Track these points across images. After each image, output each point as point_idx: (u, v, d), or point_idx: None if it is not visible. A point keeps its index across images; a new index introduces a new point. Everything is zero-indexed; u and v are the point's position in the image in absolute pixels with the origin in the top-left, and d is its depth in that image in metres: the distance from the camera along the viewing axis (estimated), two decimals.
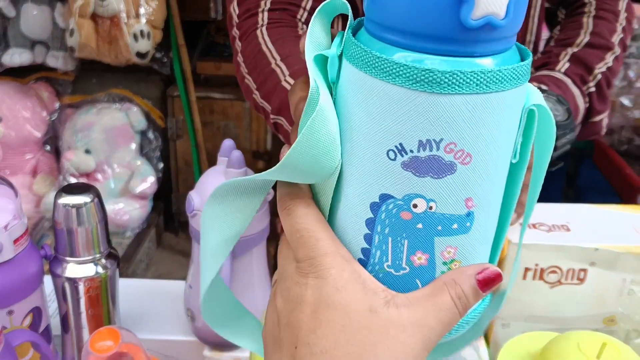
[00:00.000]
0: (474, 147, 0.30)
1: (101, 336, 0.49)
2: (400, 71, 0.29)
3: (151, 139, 1.97)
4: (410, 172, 0.31)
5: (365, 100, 0.31)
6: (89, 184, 0.56)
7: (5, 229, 0.52)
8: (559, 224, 0.64)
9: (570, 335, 0.57)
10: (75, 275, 0.55)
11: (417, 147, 0.30)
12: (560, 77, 0.71)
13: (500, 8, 0.29)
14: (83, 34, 1.78)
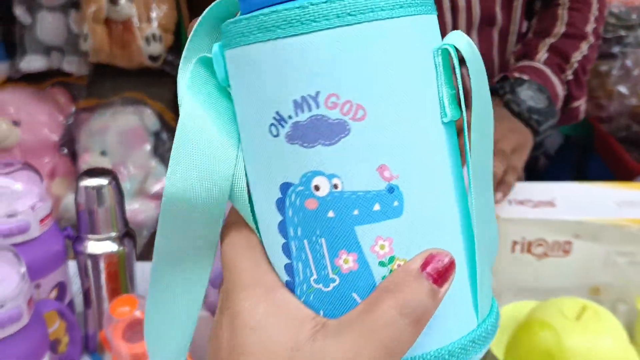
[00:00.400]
0: (365, 97, 0.25)
1: (121, 302, 0.55)
2: (248, 27, 0.25)
3: (165, 140, 2.04)
4: (297, 144, 0.25)
5: (238, 79, 0.27)
6: (108, 169, 0.62)
7: (32, 210, 0.58)
8: (545, 200, 0.69)
9: (553, 301, 0.62)
10: (96, 252, 0.62)
11: (294, 109, 0.25)
12: (539, 67, 0.77)
13: None
14: (97, 38, 1.85)
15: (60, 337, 0.64)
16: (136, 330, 0.57)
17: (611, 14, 1.17)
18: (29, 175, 0.60)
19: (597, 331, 0.59)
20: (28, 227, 0.58)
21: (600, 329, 0.59)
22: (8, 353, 0.51)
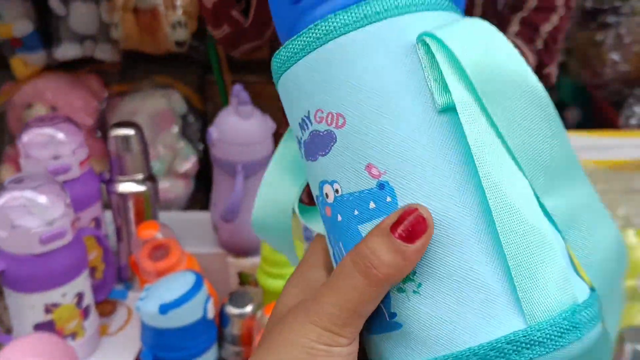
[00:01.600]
0: (341, 106, 0.28)
1: (146, 226, 0.69)
2: (275, 72, 0.31)
3: (191, 122, 2.20)
4: (310, 161, 0.30)
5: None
6: (134, 122, 0.76)
7: (73, 154, 0.73)
8: None
9: None
10: (125, 191, 0.76)
11: (300, 131, 0.30)
12: (511, 38, 0.88)
13: None
14: (126, 26, 2.01)
15: (97, 265, 0.79)
16: (159, 251, 0.71)
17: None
18: (69, 127, 0.74)
19: None
20: (70, 168, 0.73)
21: None
22: (55, 264, 0.66)
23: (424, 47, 0.27)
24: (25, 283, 0.65)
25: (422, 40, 0.27)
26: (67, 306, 0.68)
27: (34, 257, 0.65)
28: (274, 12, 0.32)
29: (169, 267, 0.70)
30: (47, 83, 2.13)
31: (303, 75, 0.29)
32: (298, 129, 0.30)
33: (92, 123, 2.16)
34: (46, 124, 0.73)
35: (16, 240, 0.64)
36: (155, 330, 0.66)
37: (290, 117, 0.31)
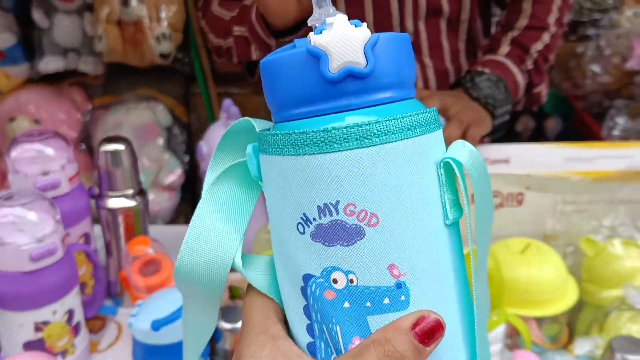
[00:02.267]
0: (378, 207, 0.30)
1: (137, 242, 0.69)
2: (282, 141, 0.31)
3: (176, 134, 2.18)
4: (320, 243, 0.30)
5: (271, 180, 0.32)
6: (124, 137, 0.75)
7: (62, 169, 0.72)
8: (501, 158, 0.82)
9: (502, 241, 0.74)
10: (114, 206, 0.75)
11: (318, 213, 0.30)
12: (501, 60, 0.89)
13: (356, 56, 0.30)
14: (110, 39, 2.00)
15: (86, 281, 0.78)
16: (150, 267, 0.71)
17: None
18: (58, 142, 0.73)
19: (538, 263, 0.71)
20: (59, 184, 0.72)
21: (541, 262, 0.71)
22: (45, 281, 0.65)
23: (445, 168, 0.31)
24: (15, 301, 0.64)
25: (446, 164, 0.31)
26: (58, 324, 0.67)
27: (24, 275, 0.63)
28: (289, 77, 0.31)
29: (160, 282, 0.69)
30: (30, 96, 2.10)
31: (344, 165, 0.30)
32: (314, 209, 0.31)
33: (76, 136, 2.14)
34: (35, 139, 0.72)
35: (5, 257, 0.63)
36: (148, 346, 0.65)
37: (304, 194, 0.31)
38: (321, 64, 0.30)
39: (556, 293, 0.70)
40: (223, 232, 0.34)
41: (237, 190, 0.36)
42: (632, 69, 1.21)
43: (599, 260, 0.73)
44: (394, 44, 0.32)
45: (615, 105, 1.25)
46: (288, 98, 0.31)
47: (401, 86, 0.32)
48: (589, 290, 0.74)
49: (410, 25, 0.94)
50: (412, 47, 0.34)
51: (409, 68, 0.32)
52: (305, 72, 0.30)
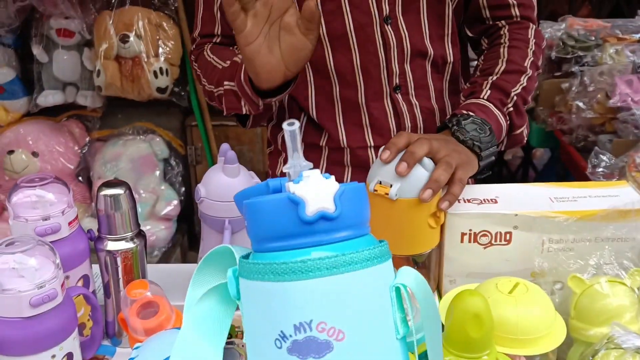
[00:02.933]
0: (345, 324, 0.36)
1: (135, 286, 0.69)
2: (263, 269, 0.38)
3: (173, 166, 2.20)
4: (295, 356, 0.36)
5: (251, 301, 0.39)
6: (122, 181, 0.77)
7: (62, 214, 0.73)
8: (489, 198, 0.83)
9: (492, 280, 0.75)
10: (114, 249, 0.76)
11: (294, 331, 0.36)
12: (484, 103, 0.91)
13: (328, 203, 0.38)
14: (108, 74, 2.02)
15: (85, 322, 0.78)
16: (148, 310, 0.71)
17: (570, 37, 1.31)
18: (59, 187, 0.75)
19: (526, 303, 0.72)
20: (59, 228, 0.73)
21: (530, 301, 0.72)
22: (45, 326, 0.66)
23: (395, 291, 0.39)
24: (14, 346, 0.65)
25: (396, 287, 0.39)
26: None
27: (24, 320, 0.64)
28: (269, 215, 0.39)
29: (158, 325, 0.70)
30: (29, 129, 2.12)
31: (318, 290, 0.37)
32: (290, 327, 0.37)
33: (74, 168, 2.15)
34: (36, 185, 0.73)
35: (6, 303, 0.64)
36: None
37: (282, 314, 0.37)
38: (299, 209, 0.37)
39: (545, 331, 0.71)
40: (203, 349, 0.41)
41: (216, 309, 0.43)
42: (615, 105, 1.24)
43: (586, 298, 0.74)
44: (355, 193, 0.40)
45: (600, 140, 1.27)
46: (270, 233, 0.38)
47: (359, 226, 0.40)
48: (578, 327, 0.75)
49: (396, 68, 0.96)
50: (366, 193, 0.43)
51: (364, 211, 0.41)
52: (285, 214, 0.38)
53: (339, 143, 0.99)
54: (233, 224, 0.78)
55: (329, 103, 0.99)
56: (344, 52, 0.95)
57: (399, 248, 0.79)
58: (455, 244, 0.81)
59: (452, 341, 0.66)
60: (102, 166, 2.15)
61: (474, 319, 0.64)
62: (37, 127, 2.23)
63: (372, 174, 0.77)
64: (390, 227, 0.76)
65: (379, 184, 0.75)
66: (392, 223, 0.76)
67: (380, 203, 0.75)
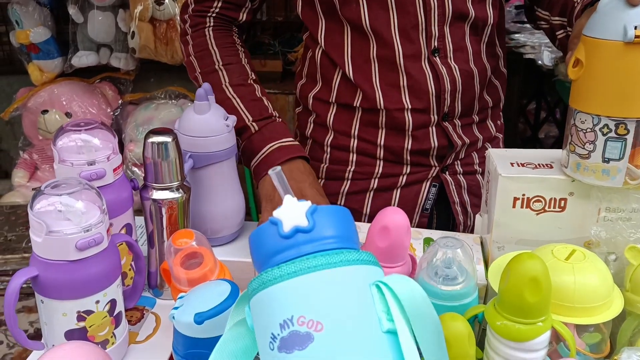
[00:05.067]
0: (322, 316, 0.40)
1: (181, 235, 0.67)
2: (255, 286, 0.43)
3: None
4: (284, 352, 0.40)
5: (254, 319, 0.44)
6: (170, 129, 0.74)
7: (107, 160, 0.71)
8: (545, 163, 0.79)
9: (547, 246, 0.72)
10: (159, 197, 0.74)
11: (280, 329, 0.40)
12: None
13: (301, 219, 0.43)
14: (143, 36, 2.00)
15: (127, 271, 0.76)
16: (192, 260, 0.69)
17: None
18: (104, 133, 0.72)
19: (584, 271, 0.69)
20: (104, 174, 0.70)
21: (587, 269, 0.69)
22: (90, 271, 0.64)
23: (377, 289, 0.43)
24: (59, 290, 0.63)
25: (377, 285, 0.43)
26: (100, 314, 0.65)
27: (69, 264, 0.62)
28: (260, 242, 0.44)
29: (202, 276, 0.67)
30: (63, 89, 2.11)
31: (293, 289, 0.41)
32: (277, 327, 0.41)
33: None
34: (81, 129, 0.71)
35: (51, 246, 0.62)
36: (190, 339, 0.63)
37: (270, 317, 0.41)
38: (278, 227, 0.43)
39: (602, 300, 0.68)
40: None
41: (245, 335, 0.48)
42: None
43: None
44: (332, 211, 0.45)
45: None
46: (262, 257, 0.43)
47: (343, 239, 0.44)
48: (632, 300, 0.71)
49: (435, 30, 0.92)
50: (351, 216, 0.47)
51: (346, 228, 0.45)
52: (269, 235, 0.43)
53: (375, 104, 0.95)
54: (195, 158, 0.81)
55: (366, 62, 0.94)
56: (380, 10, 0.91)
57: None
58: (507, 208, 0.78)
59: (507, 305, 0.62)
60: (134, 129, 2.13)
61: (532, 282, 0.61)
62: (71, 88, 2.22)
63: (617, 21, 0.66)
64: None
65: (636, 29, 0.65)
66: None
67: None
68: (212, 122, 0.80)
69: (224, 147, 0.81)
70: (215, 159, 0.81)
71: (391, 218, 0.68)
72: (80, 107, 2.16)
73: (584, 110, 0.72)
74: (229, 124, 0.81)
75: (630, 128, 0.70)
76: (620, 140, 0.71)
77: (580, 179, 0.75)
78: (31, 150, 2.20)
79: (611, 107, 0.70)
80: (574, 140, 0.75)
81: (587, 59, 0.70)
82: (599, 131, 0.72)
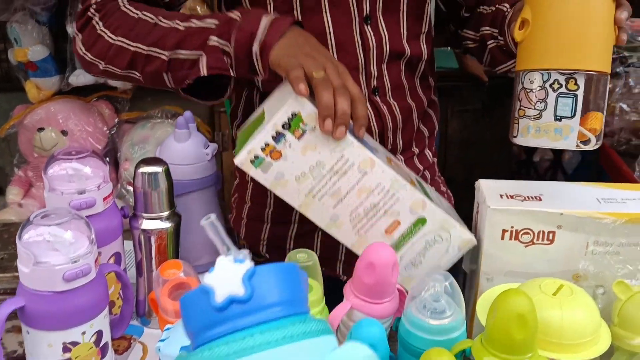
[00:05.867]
0: None
1: (169, 265, 0.67)
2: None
3: None
4: None
5: None
6: (161, 158, 0.74)
7: (98, 188, 0.71)
8: (533, 195, 0.79)
9: (534, 280, 0.72)
10: (148, 227, 0.74)
11: None
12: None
13: (237, 287, 0.37)
14: None
15: (114, 300, 0.76)
16: (180, 291, 0.69)
17: None
18: (95, 161, 0.72)
19: (571, 306, 0.68)
20: (94, 203, 0.70)
21: (575, 305, 0.69)
22: (77, 302, 0.63)
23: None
24: (45, 321, 0.62)
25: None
26: (86, 345, 0.65)
27: (56, 295, 0.62)
28: (190, 311, 0.38)
29: None
30: (59, 107, 2.11)
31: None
32: None
33: (102, 148, 2.14)
34: (72, 158, 0.71)
35: (39, 276, 0.61)
36: None
37: None
38: (210, 297, 0.36)
39: (589, 336, 0.68)
40: None
41: None
42: None
43: (632, 305, 0.71)
44: (271, 272, 0.38)
45: None
46: (193, 328, 0.38)
47: (289, 305, 0.38)
48: (621, 335, 0.71)
49: (374, 70, 0.93)
50: (299, 273, 0.41)
51: (293, 290, 0.39)
52: (199, 305, 0.37)
53: None
54: (175, 186, 0.79)
55: None
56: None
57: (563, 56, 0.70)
58: (496, 240, 0.78)
59: (494, 341, 0.62)
60: (129, 148, 2.13)
61: (519, 319, 0.61)
62: (68, 106, 2.22)
63: None
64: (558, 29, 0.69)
65: None
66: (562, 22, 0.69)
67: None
68: (192, 150, 0.81)
69: (204, 174, 0.82)
70: (195, 186, 0.81)
71: (377, 254, 0.68)
72: (77, 125, 2.15)
73: (533, 67, 0.71)
74: (209, 152, 0.82)
75: (580, 84, 0.69)
76: (570, 96, 0.69)
77: (534, 144, 0.73)
78: (26, 167, 2.20)
79: (560, 58, 0.69)
80: (523, 104, 0.73)
81: (533, 15, 0.71)
82: (550, 87, 0.70)
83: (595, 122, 0.72)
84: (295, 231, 0.98)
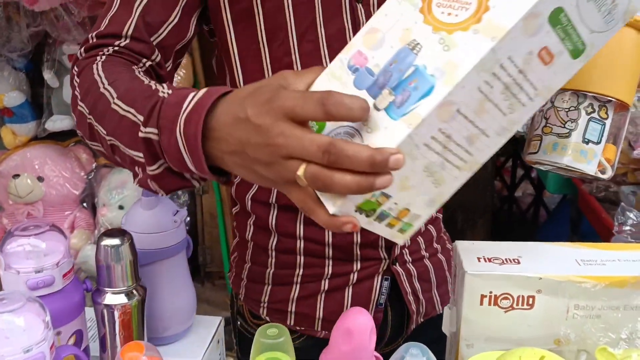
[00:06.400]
0: None
1: (130, 348, 0.63)
2: None
3: (179, 195, 2.14)
4: None
5: None
6: (124, 230, 0.71)
7: (57, 266, 0.67)
8: (511, 258, 0.77)
9: (515, 351, 0.69)
10: (112, 303, 0.70)
11: None
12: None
13: None
14: None
15: None
16: None
17: None
18: (54, 236, 0.69)
19: None
20: (53, 281, 0.67)
21: None
22: None
23: None
24: None
25: None
26: None
27: None
28: None
29: None
30: (36, 153, 2.07)
31: None
32: None
33: (79, 194, 2.10)
34: (30, 234, 0.67)
35: None
36: None
37: None
38: None
39: None
40: None
41: None
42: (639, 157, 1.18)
43: None
44: None
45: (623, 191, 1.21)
46: None
47: None
48: None
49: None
50: None
51: None
52: None
53: None
54: (142, 255, 0.76)
55: None
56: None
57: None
58: (474, 306, 0.75)
59: None
60: (107, 193, 2.10)
61: None
62: (44, 151, 2.18)
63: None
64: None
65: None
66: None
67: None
68: (160, 217, 0.78)
69: (173, 242, 0.78)
70: (163, 255, 0.78)
71: (354, 320, 0.65)
72: (53, 171, 2.11)
73: (569, 87, 0.72)
74: (178, 219, 0.79)
75: (609, 113, 0.71)
76: (600, 123, 0.72)
77: (556, 161, 0.74)
78: (1, 214, 2.15)
79: (600, 83, 0.71)
80: (550, 122, 0.74)
81: None
82: (583, 110, 0.71)
83: (611, 154, 0.74)
84: (298, 293, 0.93)
